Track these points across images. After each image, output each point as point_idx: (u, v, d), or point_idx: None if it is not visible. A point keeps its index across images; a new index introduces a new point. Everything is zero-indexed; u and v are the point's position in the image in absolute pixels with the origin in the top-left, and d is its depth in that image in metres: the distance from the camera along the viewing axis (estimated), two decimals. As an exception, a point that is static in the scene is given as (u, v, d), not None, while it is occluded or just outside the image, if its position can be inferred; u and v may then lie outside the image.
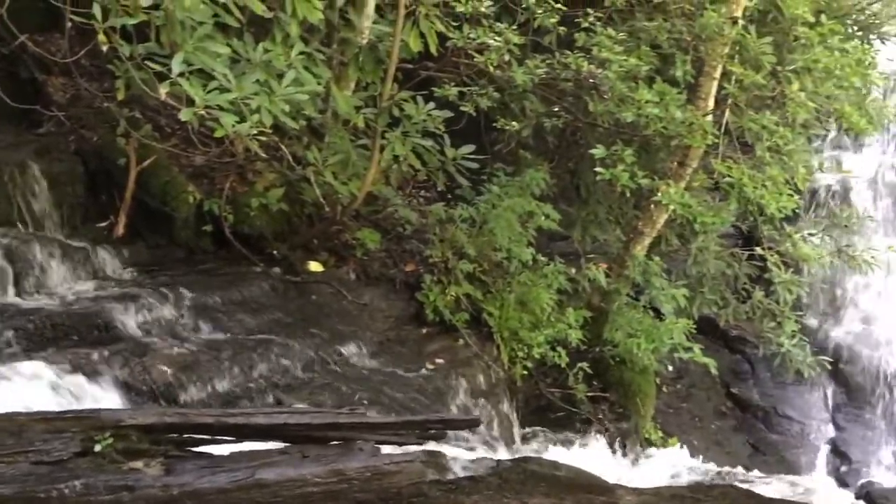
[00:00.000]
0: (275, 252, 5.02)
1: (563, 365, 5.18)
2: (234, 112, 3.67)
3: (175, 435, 2.63)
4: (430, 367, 4.63)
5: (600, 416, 5.48)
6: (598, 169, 4.79)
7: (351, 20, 4.84)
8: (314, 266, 5.04)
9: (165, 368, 3.85)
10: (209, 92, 3.63)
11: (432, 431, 3.48)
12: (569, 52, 4.93)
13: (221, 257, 5.00)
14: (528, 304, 5.17)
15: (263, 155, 4.57)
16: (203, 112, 3.58)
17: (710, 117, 5.12)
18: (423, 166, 4.98)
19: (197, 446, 2.66)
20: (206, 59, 3.71)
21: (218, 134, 3.76)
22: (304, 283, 4.93)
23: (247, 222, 4.99)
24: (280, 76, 4.11)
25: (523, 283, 5.22)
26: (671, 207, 4.96)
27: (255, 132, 3.78)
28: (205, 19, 3.76)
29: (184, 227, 4.99)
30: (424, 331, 5.01)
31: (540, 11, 4.90)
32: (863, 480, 7.13)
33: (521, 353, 5.08)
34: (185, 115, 3.54)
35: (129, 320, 4.15)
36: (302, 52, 4.29)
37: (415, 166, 4.92)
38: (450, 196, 5.82)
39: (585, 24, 4.94)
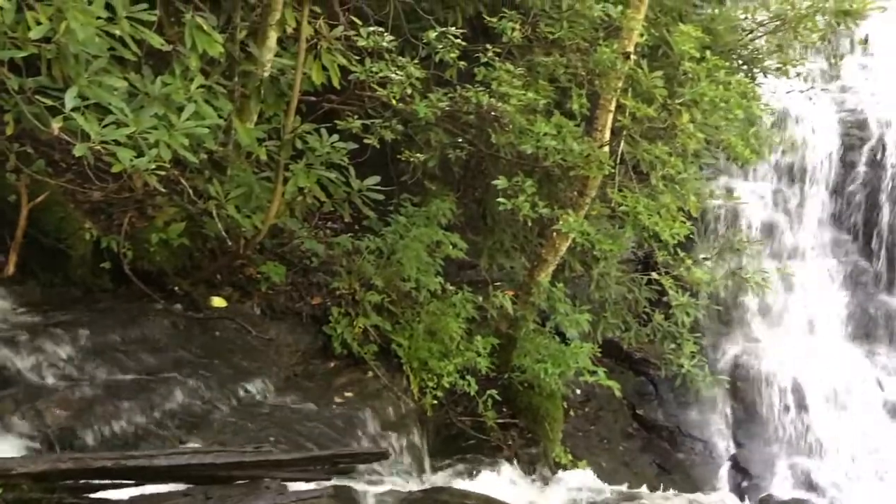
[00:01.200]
0: (176, 288, 4.90)
1: (472, 393, 5.22)
2: (132, 146, 3.60)
3: (71, 482, 2.53)
4: (339, 400, 4.59)
5: (510, 443, 5.54)
6: (500, 199, 4.89)
7: (252, 53, 4.82)
8: (217, 301, 4.94)
9: (60, 412, 3.69)
10: (105, 126, 3.55)
11: (341, 466, 3.46)
12: (470, 86, 5.03)
13: (120, 295, 4.84)
14: (438, 333, 5.20)
15: (163, 189, 4.47)
16: (99, 147, 3.49)
17: (606, 148, 5.31)
18: (329, 198, 4.98)
19: (95, 492, 2.58)
20: (101, 93, 3.63)
21: (115, 169, 3.67)
22: (207, 319, 4.83)
23: (147, 258, 4.86)
24: (180, 110, 4.06)
25: (432, 313, 5.26)
26: (572, 235, 5.10)
27: (153, 167, 3.71)
28: (100, 52, 3.68)
29: (80, 264, 4.82)
30: (332, 364, 4.97)
31: (441, 46, 4.99)
32: (762, 494, 7.44)
33: (430, 383, 5.09)
34: (79, 150, 3.44)
35: (21, 363, 3.97)
36: (202, 86, 4.25)
37: (320, 198, 4.90)
38: (357, 227, 5.82)
39: (485, 59, 5.06)
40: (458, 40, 5.05)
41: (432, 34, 5.02)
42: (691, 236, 6.02)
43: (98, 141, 3.46)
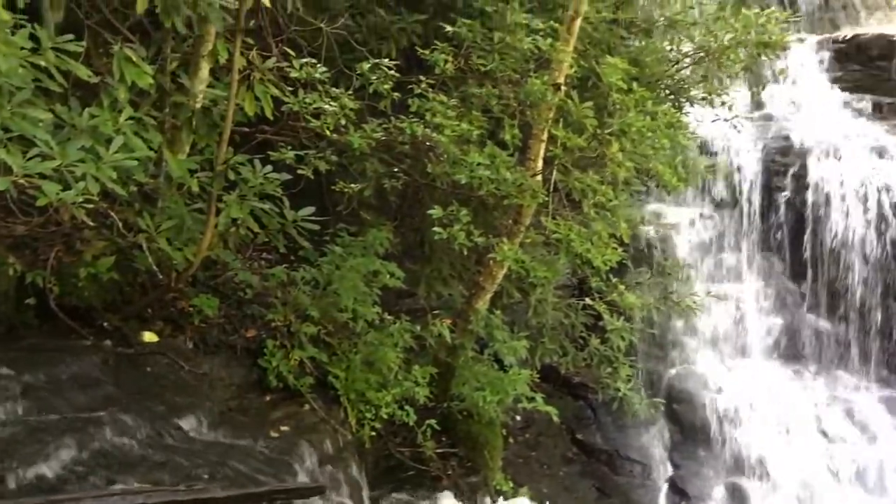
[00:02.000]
0: (105, 324, 4.77)
1: (411, 423, 5.20)
2: (58, 180, 3.52)
3: (-11, 530, 2.43)
4: (275, 435, 4.51)
5: (450, 472, 5.53)
6: (435, 229, 4.92)
7: (184, 84, 4.77)
8: (148, 336, 4.83)
9: (-20, 456, 3.55)
10: (29, 159, 3.46)
11: (278, 502, 3.41)
12: (404, 117, 5.07)
13: (46, 332, 4.68)
14: (375, 363, 5.17)
15: (91, 223, 4.38)
16: (22, 181, 3.41)
17: (539, 177, 5.40)
18: (263, 229, 4.93)
19: (15, 540, 2.48)
20: (25, 126, 3.55)
21: (40, 203, 3.58)
22: (138, 354, 4.70)
23: (74, 294, 4.73)
24: (108, 142, 3.99)
25: (369, 343, 5.23)
26: (507, 263, 5.16)
27: (81, 200, 3.63)
28: (24, 84, 3.60)
29: (3, 301, 4.66)
30: (268, 398, 4.89)
31: (374, 77, 5.03)
32: (699, 515, 7.57)
33: (368, 415, 5.05)
34: (0, 184, 3.35)
35: (-64, 406, 3.81)
36: (131, 117, 4.18)
37: (253, 229, 4.85)
38: (292, 258, 5.78)
39: (419, 91, 5.11)
40: (392, 72, 5.09)
41: (366, 66, 5.05)
42: (624, 262, 6.15)
43: (21, 174, 3.37)
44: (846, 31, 10.54)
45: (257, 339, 5.14)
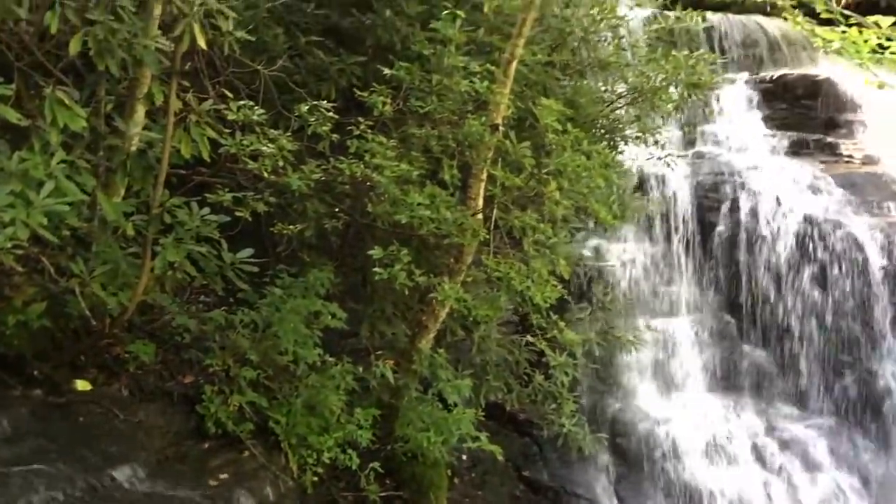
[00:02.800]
0: (36, 372, 4.62)
1: (354, 467, 5.12)
2: (-14, 225, 3.43)
3: None
4: (214, 483, 4.41)
5: (394, 516, 5.46)
6: (376, 269, 4.91)
7: (118, 127, 4.71)
8: (81, 385, 4.69)
9: None
10: (-46, 205, 3.38)
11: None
12: (343, 158, 5.08)
13: (-29, 383, 4.53)
14: (317, 407, 5.09)
15: (21, 269, 4.26)
16: (-54, 227, 3.31)
17: (480, 216, 5.44)
18: (200, 272, 4.86)
19: None
20: (-50, 171, 3.47)
21: (-34, 249, 3.48)
22: (70, 403, 4.56)
23: (3, 342, 4.57)
24: (39, 186, 3.91)
25: (311, 386, 5.15)
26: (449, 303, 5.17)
27: (10, 245, 3.55)
28: (-51, 128, 3.53)
29: (-74, 351, 4.50)
30: (206, 445, 4.78)
31: (313, 119, 5.04)
32: (645, 548, 7.61)
33: (310, 460, 4.96)
34: (-76, 230, 3.25)
35: None
36: (64, 161, 4.11)
37: (190, 273, 4.78)
38: (232, 300, 5.69)
39: (358, 132, 5.13)
40: (331, 113, 5.11)
41: (304, 107, 5.06)
42: (565, 298, 6.22)
43: (-54, 221, 3.28)
44: (773, 72, 10.96)
45: (195, 384, 5.03)
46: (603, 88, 6.98)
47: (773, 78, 10.72)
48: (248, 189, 5.14)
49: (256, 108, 4.91)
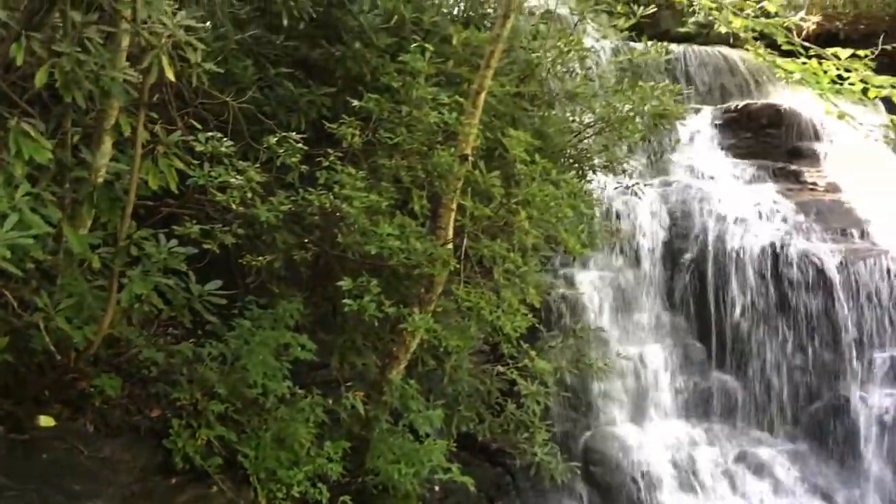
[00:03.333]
0: (-3, 409, 4.53)
1: (324, 501, 5.05)
2: (-54, 260, 3.37)
3: None
4: (181, 519, 4.33)
5: (366, 550, 5.38)
6: (346, 301, 4.90)
7: (85, 158, 4.68)
8: (45, 421, 4.59)
9: None
10: (-86, 239, 3.32)
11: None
12: (312, 189, 5.08)
13: (-69, 421, 4.42)
14: (286, 440, 5.04)
15: (-17, 303, 4.20)
16: None
17: (451, 246, 5.46)
18: (168, 304, 4.81)
19: None
20: (-90, 204, 3.41)
21: (-75, 284, 3.42)
22: (34, 440, 4.46)
23: (-37, 378, 4.49)
24: (3, 219, 3.87)
25: (280, 419, 5.10)
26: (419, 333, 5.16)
27: (-29, 279, 3.49)
28: None
29: None
30: (174, 480, 4.69)
31: (282, 150, 5.04)
32: (620, 576, 7.58)
33: (280, 494, 4.89)
34: None
35: None
36: (28, 193, 4.07)
37: (158, 305, 4.73)
38: (200, 332, 5.63)
39: (327, 163, 5.14)
40: (300, 144, 5.12)
41: (273, 139, 5.06)
42: (537, 326, 6.23)
43: None
44: (737, 101, 11.18)
45: (162, 418, 4.95)
46: (571, 119, 7.07)
47: (738, 107, 10.94)
48: (216, 220, 5.11)
49: (225, 139, 4.90)
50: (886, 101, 6.11)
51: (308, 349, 5.39)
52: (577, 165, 7.05)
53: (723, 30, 6.60)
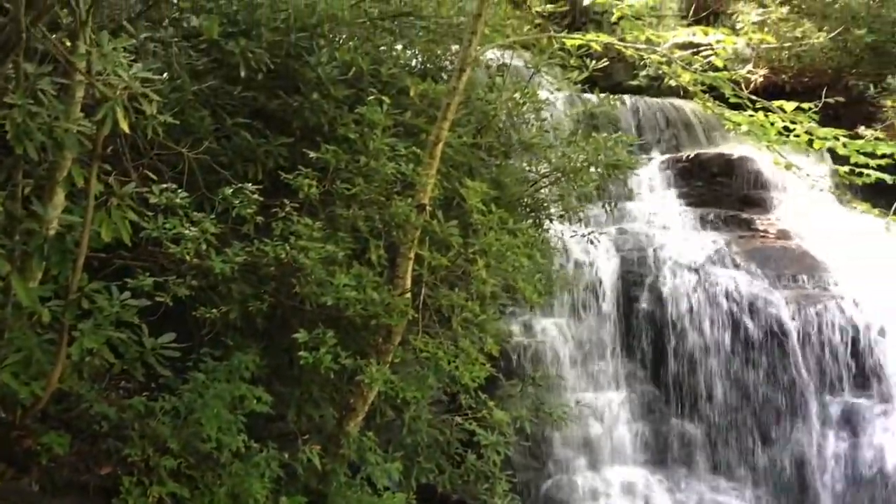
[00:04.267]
0: (-62, 469, 4.37)
1: (278, 557, 4.94)
2: None
3: None
4: (130, 582, 4.19)
5: None
6: (301, 353, 4.85)
7: (36, 210, 4.60)
8: (-13, 481, 4.44)
9: None
10: None
11: None
12: (268, 240, 5.05)
13: None
14: (241, 496, 4.91)
15: (-75, 359, 4.07)
16: None
17: (409, 295, 5.45)
18: (119, 358, 4.71)
19: None
20: None
21: None
22: (-26, 502, 4.32)
23: None
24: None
25: (235, 475, 4.98)
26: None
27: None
28: None
29: None
30: (123, 540, 4.56)
31: (237, 201, 5.02)
32: None
33: (232, 551, 4.77)
34: None
35: None
36: (-25, 246, 3.99)
37: (109, 359, 4.63)
38: (153, 385, 5.51)
39: (283, 214, 5.13)
40: (256, 195, 5.10)
41: (228, 190, 5.04)
42: (496, 375, 6.23)
43: None
44: (689, 151, 11.46)
45: (112, 475, 4.80)
46: (527, 169, 7.18)
47: (690, 157, 11.22)
48: (170, 272, 5.04)
49: (180, 190, 4.86)
50: (833, 150, 6.32)
51: (264, 402, 5.30)
52: (533, 214, 7.13)
53: (673, 83, 6.80)
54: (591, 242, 7.54)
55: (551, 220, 7.25)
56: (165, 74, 5.75)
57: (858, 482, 8.63)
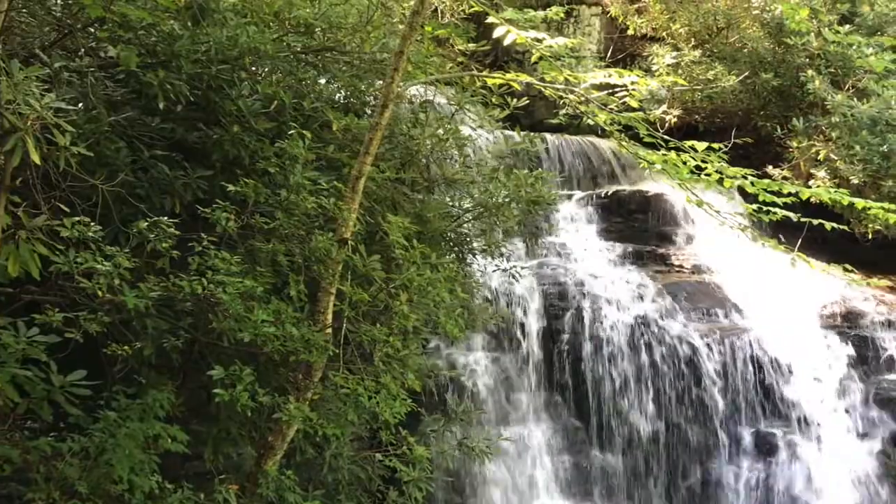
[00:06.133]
0: None
1: None
2: None
3: None
4: None
5: None
6: (217, 391, 4.75)
7: (-63, 243, 4.41)
8: None
9: None
10: None
11: None
12: (184, 275, 4.95)
13: None
14: (153, 539, 4.77)
15: None
16: None
17: (330, 330, 5.41)
18: (25, 397, 4.52)
19: None
20: None
21: None
22: None
23: None
24: None
25: (147, 517, 4.83)
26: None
27: None
28: None
29: None
30: (25, 590, 4.34)
31: (152, 235, 4.91)
32: None
33: None
34: None
35: None
36: None
37: (14, 398, 4.44)
38: (62, 425, 5.30)
39: (200, 248, 5.04)
40: (172, 229, 5.00)
41: (143, 223, 4.93)
42: (419, 410, 6.21)
43: None
44: (608, 188, 11.77)
45: (14, 522, 4.59)
46: (451, 204, 7.24)
47: (608, 194, 11.52)
48: (81, 308, 4.88)
49: (93, 223, 4.73)
50: (742, 189, 6.59)
51: (180, 440, 5.16)
52: (456, 249, 7.19)
53: (591, 122, 7.00)
54: (514, 277, 7.63)
55: (474, 255, 7.32)
56: (81, 105, 5.61)
57: (772, 509, 8.89)
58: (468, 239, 7.31)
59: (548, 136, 11.76)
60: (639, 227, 11.21)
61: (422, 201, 6.92)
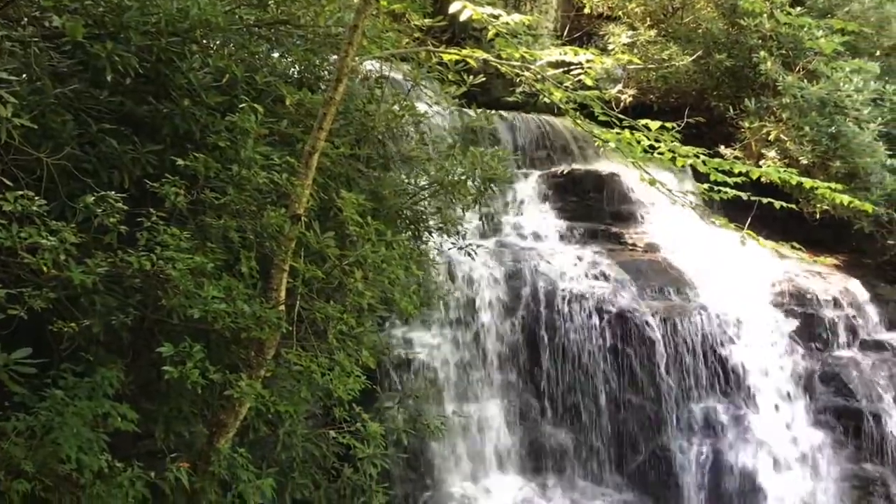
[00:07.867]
0: None
1: (141, 585, 4.73)
2: None
3: None
4: None
5: None
6: (166, 368, 4.68)
7: None
8: None
9: None
10: None
11: None
12: (132, 251, 4.85)
13: None
14: (102, 519, 4.70)
15: None
16: None
17: (283, 308, 5.36)
18: (-34, 380, 4.41)
19: None
20: None
21: None
22: None
23: None
24: None
25: (96, 497, 4.74)
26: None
27: None
28: None
29: None
30: (-32, 573, 4.25)
31: (100, 210, 4.80)
32: None
33: (91, 579, 4.53)
34: None
35: None
36: None
37: (-45, 379, 4.32)
38: (7, 405, 5.18)
39: (149, 223, 4.94)
40: (120, 203, 4.89)
41: (90, 198, 4.81)
42: (374, 387, 6.20)
43: None
44: (563, 167, 11.83)
45: (-43, 503, 4.49)
46: (406, 181, 7.20)
47: (564, 173, 11.58)
48: (26, 284, 4.75)
49: (38, 198, 4.60)
50: (694, 168, 6.66)
51: (130, 419, 5.08)
52: (412, 227, 7.16)
53: (547, 100, 7.00)
54: (470, 255, 7.64)
55: (430, 233, 7.30)
56: (24, 76, 5.44)
57: (721, 484, 9.09)
58: (424, 216, 7.28)
59: (504, 113, 11.76)
60: (594, 206, 11.30)
61: (377, 178, 6.87)
